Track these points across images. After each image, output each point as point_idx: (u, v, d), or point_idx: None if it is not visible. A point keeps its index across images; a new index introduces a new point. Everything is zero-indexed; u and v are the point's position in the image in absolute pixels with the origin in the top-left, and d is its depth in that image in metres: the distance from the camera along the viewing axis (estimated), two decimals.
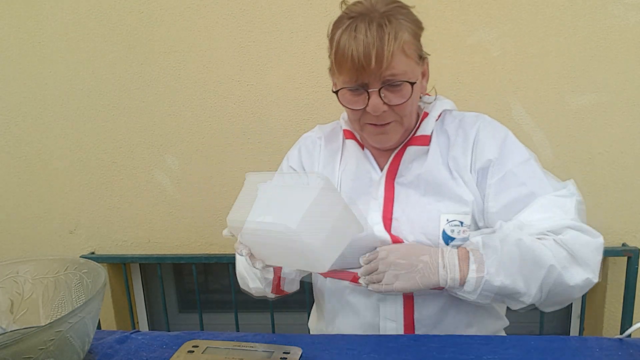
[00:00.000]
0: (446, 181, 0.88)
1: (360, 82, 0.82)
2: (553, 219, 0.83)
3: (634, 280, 1.48)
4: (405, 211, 0.89)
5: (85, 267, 0.78)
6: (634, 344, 0.74)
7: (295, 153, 1.03)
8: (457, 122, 0.93)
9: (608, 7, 1.35)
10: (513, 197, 0.85)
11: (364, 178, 0.94)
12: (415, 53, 0.84)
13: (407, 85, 0.82)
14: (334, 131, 1.03)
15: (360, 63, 0.78)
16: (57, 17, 1.58)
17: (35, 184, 1.72)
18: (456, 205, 0.87)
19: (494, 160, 0.87)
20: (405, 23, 0.81)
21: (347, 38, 0.79)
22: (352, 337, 0.80)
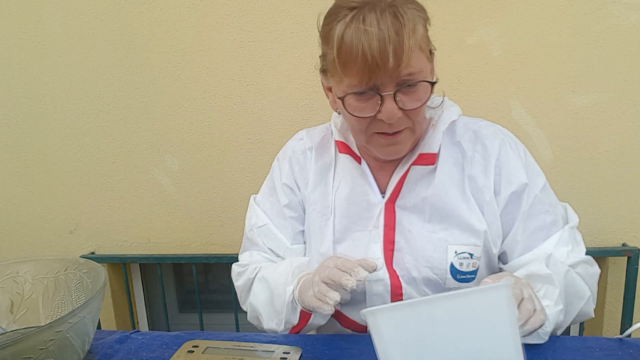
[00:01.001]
0: (456, 206, 0.78)
1: (371, 85, 0.69)
2: (574, 252, 0.81)
3: (634, 280, 1.48)
4: (409, 240, 0.80)
5: (85, 267, 0.78)
6: (634, 344, 0.73)
7: (286, 169, 0.91)
8: (471, 134, 0.82)
9: (608, 7, 1.35)
10: (539, 225, 0.79)
11: (361, 202, 0.82)
12: (428, 48, 0.74)
13: (423, 86, 0.71)
14: (324, 140, 0.90)
15: (374, 62, 0.65)
16: (57, 17, 1.58)
17: (35, 184, 1.72)
18: (465, 235, 0.78)
19: (527, 185, 0.78)
20: (417, 12, 0.69)
21: (354, 32, 0.65)
22: (352, 337, 0.80)
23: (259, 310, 0.85)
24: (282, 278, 0.81)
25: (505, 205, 0.79)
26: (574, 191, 1.47)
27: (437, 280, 0.79)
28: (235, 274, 0.93)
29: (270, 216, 0.92)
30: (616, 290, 1.52)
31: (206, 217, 1.67)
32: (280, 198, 0.91)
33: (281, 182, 0.91)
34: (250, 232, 0.94)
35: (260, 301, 0.84)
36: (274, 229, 0.91)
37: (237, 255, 1.61)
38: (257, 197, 0.97)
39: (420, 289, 0.80)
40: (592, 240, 1.50)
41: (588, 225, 1.49)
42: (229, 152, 1.60)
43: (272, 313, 0.82)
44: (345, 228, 0.84)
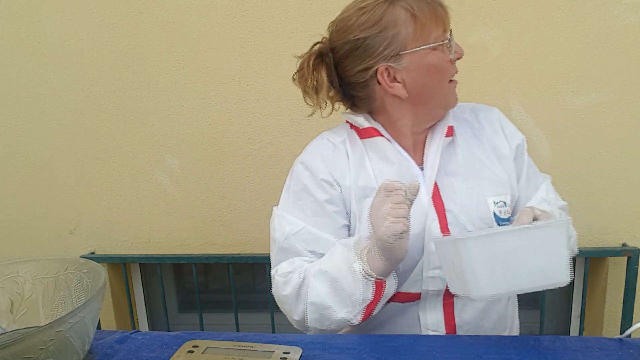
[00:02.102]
0: (482, 164, 0.91)
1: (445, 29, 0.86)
2: (557, 198, 1.00)
3: (634, 280, 1.48)
4: (456, 201, 0.89)
5: (85, 267, 0.78)
6: (634, 344, 0.73)
7: (319, 165, 0.92)
8: (469, 111, 0.97)
9: (608, 7, 1.35)
10: (531, 174, 0.96)
11: (406, 175, 0.89)
12: None
13: None
14: (349, 134, 0.96)
15: (443, 7, 0.84)
16: (57, 17, 1.58)
17: (35, 184, 1.72)
18: (496, 187, 0.90)
19: (524, 140, 0.96)
20: None
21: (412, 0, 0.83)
22: (352, 337, 0.80)
23: (326, 303, 0.82)
24: (343, 262, 0.81)
25: (515, 157, 0.94)
26: (574, 191, 1.47)
27: None
28: (279, 284, 0.88)
29: (304, 219, 0.90)
30: (616, 290, 1.52)
31: (206, 217, 1.67)
32: (317, 196, 0.90)
33: (318, 179, 0.91)
34: (286, 241, 0.90)
35: (325, 294, 0.82)
36: (313, 229, 0.89)
37: (237, 255, 1.63)
38: (280, 207, 0.95)
39: None
40: (592, 240, 1.50)
41: (588, 225, 1.49)
42: (229, 152, 1.60)
43: (342, 300, 0.81)
44: None
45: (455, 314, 0.88)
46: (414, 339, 0.78)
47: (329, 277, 0.81)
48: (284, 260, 0.90)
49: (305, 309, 0.84)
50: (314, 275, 0.83)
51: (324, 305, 0.82)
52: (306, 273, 0.85)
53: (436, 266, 0.87)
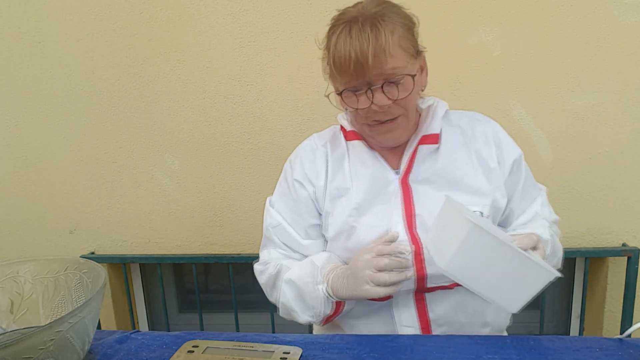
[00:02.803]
0: (463, 174, 0.91)
1: (360, 82, 0.83)
2: (551, 212, 1.00)
3: (634, 280, 1.48)
4: (427, 206, 0.90)
5: (85, 267, 0.78)
6: (634, 344, 0.73)
7: (297, 166, 1.00)
8: (467, 118, 0.97)
9: (608, 7, 1.35)
10: (526, 189, 0.96)
11: (379, 178, 0.93)
12: (411, 47, 0.85)
13: (408, 79, 0.83)
14: (335, 135, 1.02)
15: (357, 63, 0.80)
16: (57, 17, 1.58)
17: (35, 184, 1.72)
18: (474, 197, 0.90)
19: (522, 155, 0.95)
20: (397, 19, 0.83)
21: (344, 41, 0.81)
22: (352, 337, 0.80)
23: (292, 307, 0.93)
24: (310, 277, 0.90)
25: (510, 173, 0.93)
26: (574, 191, 1.47)
27: None
28: (257, 272, 1.02)
29: (283, 215, 1.01)
30: (616, 290, 1.53)
31: (206, 217, 1.67)
32: (292, 195, 1.00)
33: (292, 179, 0.99)
34: (266, 231, 1.03)
35: (292, 300, 0.93)
36: (287, 227, 1.00)
37: (237, 255, 1.63)
38: (271, 198, 1.06)
39: None
40: (592, 240, 1.50)
41: (588, 225, 1.49)
42: (229, 152, 1.60)
43: (306, 308, 0.91)
44: (367, 202, 0.93)
45: (428, 308, 0.89)
46: (414, 339, 0.78)
47: (297, 287, 0.91)
48: (265, 247, 1.04)
49: (277, 302, 0.98)
50: (285, 282, 0.94)
51: (291, 308, 0.93)
52: (280, 271, 0.96)
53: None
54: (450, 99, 1.44)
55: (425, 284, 0.88)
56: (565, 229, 1.51)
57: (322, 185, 0.97)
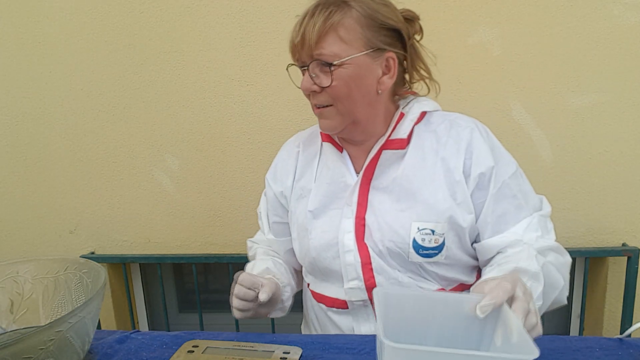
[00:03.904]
0: (422, 186, 0.86)
1: (299, 61, 0.85)
2: (543, 238, 0.85)
3: (634, 280, 1.48)
4: (378, 217, 0.88)
5: (85, 267, 0.78)
6: (634, 344, 0.73)
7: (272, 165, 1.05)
8: (447, 122, 0.90)
9: (608, 7, 1.35)
10: (506, 209, 0.85)
11: (339, 182, 0.92)
12: (361, 41, 0.81)
13: (341, 70, 0.80)
14: (312, 135, 1.02)
15: (293, 41, 0.83)
16: (57, 17, 1.58)
17: (35, 184, 1.72)
18: (429, 213, 0.85)
19: (494, 168, 0.85)
20: (355, 10, 0.80)
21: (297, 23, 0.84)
22: (352, 337, 0.80)
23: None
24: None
25: (476, 186, 0.85)
26: (574, 191, 1.47)
27: (401, 254, 0.86)
28: (247, 247, 1.13)
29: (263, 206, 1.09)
30: (616, 290, 1.52)
31: (206, 217, 1.67)
32: (266, 192, 1.08)
33: (266, 177, 1.06)
34: (258, 213, 1.11)
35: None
36: (264, 217, 1.09)
37: (237, 255, 1.63)
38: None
39: (388, 261, 0.88)
40: (592, 240, 1.50)
41: (588, 225, 1.49)
42: (229, 152, 1.60)
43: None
44: (323, 206, 0.93)
45: None
46: None
47: None
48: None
49: None
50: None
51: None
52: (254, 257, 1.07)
53: (354, 277, 0.89)
54: (450, 99, 1.45)
55: None
56: (565, 229, 1.51)
57: (289, 185, 1.00)
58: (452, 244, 0.86)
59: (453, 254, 0.87)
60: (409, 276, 0.88)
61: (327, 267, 0.92)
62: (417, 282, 0.88)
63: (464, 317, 0.62)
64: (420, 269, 0.87)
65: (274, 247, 1.07)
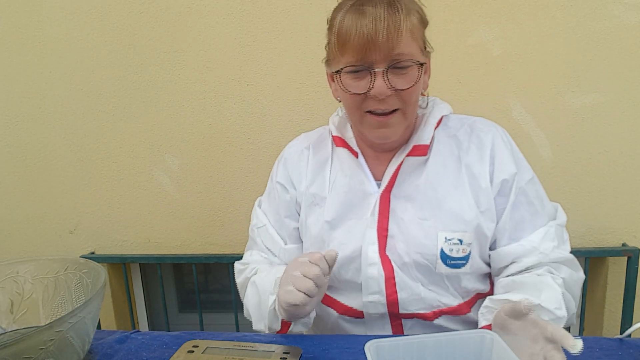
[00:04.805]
0: (446, 194, 0.83)
1: (364, 61, 0.75)
2: (559, 248, 0.84)
3: (634, 280, 1.48)
4: (401, 228, 0.84)
5: (85, 267, 0.78)
6: (634, 344, 0.73)
7: (281, 168, 0.97)
8: (467, 127, 0.88)
9: (608, 7, 1.35)
10: (523, 215, 0.84)
11: (357, 191, 0.87)
12: (421, 42, 0.79)
13: (414, 69, 0.76)
14: (321, 138, 0.96)
15: (368, 38, 0.72)
16: (57, 17, 1.58)
17: (35, 184, 1.72)
18: (455, 222, 0.82)
19: (516, 175, 0.83)
20: (414, 7, 0.78)
21: (353, 15, 0.74)
22: (352, 337, 0.80)
23: (249, 311, 0.90)
24: (269, 286, 0.85)
25: (498, 193, 0.83)
26: (574, 191, 1.47)
27: (427, 265, 0.83)
28: (236, 271, 1.00)
29: (268, 217, 0.98)
30: (616, 290, 1.52)
31: (206, 217, 1.67)
32: (275, 198, 0.97)
33: (275, 181, 0.97)
34: (251, 231, 1.01)
35: (251, 304, 0.90)
36: (271, 229, 0.96)
37: (237, 255, 1.63)
38: (261, 198, 1.04)
39: (412, 273, 0.84)
40: (592, 240, 1.50)
41: (588, 225, 1.49)
42: (229, 152, 1.60)
43: (259, 316, 0.87)
44: (341, 216, 0.88)
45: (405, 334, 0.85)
46: None
47: (257, 292, 0.87)
48: (249, 249, 1.01)
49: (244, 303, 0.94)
50: (251, 284, 0.90)
51: (249, 312, 0.91)
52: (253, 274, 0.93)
53: (375, 291, 0.84)
54: (450, 99, 1.44)
55: (397, 310, 0.84)
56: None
57: (302, 191, 0.93)
58: (476, 254, 0.84)
59: (476, 263, 0.84)
60: (431, 289, 0.84)
61: (346, 280, 0.87)
62: (439, 297, 0.85)
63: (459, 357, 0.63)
64: (444, 281, 0.84)
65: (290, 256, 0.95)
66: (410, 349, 0.62)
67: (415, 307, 0.84)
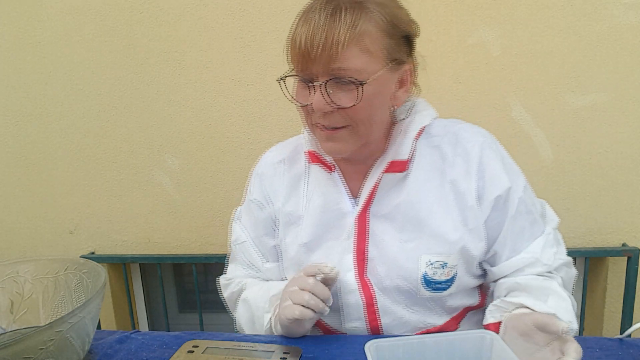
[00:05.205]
0: (429, 214, 0.77)
1: (306, 73, 0.70)
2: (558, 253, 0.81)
3: (634, 280, 1.48)
4: (381, 250, 0.78)
5: (85, 267, 0.78)
6: (634, 344, 0.73)
7: (257, 184, 0.91)
8: (452, 136, 0.80)
9: (608, 7, 1.35)
10: (523, 226, 0.79)
11: (333, 210, 0.81)
12: (382, 53, 0.70)
13: (363, 87, 0.68)
14: (296, 150, 0.89)
15: (305, 49, 0.67)
16: (57, 17, 1.58)
17: (35, 184, 1.72)
18: (439, 244, 0.76)
19: (511, 188, 0.77)
20: (377, 15, 0.68)
21: (300, 22, 0.69)
22: (352, 337, 0.80)
23: (242, 327, 0.91)
24: (262, 303, 0.84)
25: (492, 210, 0.77)
26: (574, 191, 1.47)
27: (409, 290, 0.78)
28: (221, 286, 0.98)
29: (249, 232, 0.94)
30: (616, 290, 1.52)
31: (206, 217, 1.67)
32: (253, 215, 0.92)
33: (252, 198, 0.92)
34: (232, 246, 0.97)
35: (243, 321, 0.90)
36: (251, 247, 0.93)
37: None
38: (240, 209, 0.99)
39: (393, 297, 0.80)
40: (592, 240, 1.50)
41: (588, 225, 1.49)
42: (229, 152, 1.60)
43: (254, 331, 0.87)
44: (317, 237, 0.83)
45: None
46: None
47: (250, 309, 0.87)
48: (232, 262, 0.98)
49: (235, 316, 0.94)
50: (242, 300, 0.90)
51: (242, 327, 0.91)
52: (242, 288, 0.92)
53: (356, 318, 0.81)
54: (450, 99, 1.45)
55: (381, 333, 0.82)
56: (565, 229, 1.50)
57: (279, 207, 0.87)
58: (463, 273, 0.79)
59: (463, 283, 0.80)
60: (415, 310, 0.80)
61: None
62: (424, 318, 0.81)
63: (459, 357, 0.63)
64: (429, 303, 0.80)
65: (270, 276, 0.92)
66: (410, 349, 0.62)
67: (400, 330, 0.81)
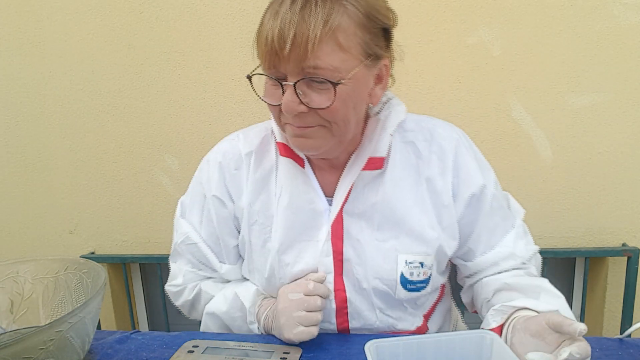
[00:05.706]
0: (406, 213, 0.75)
1: (276, 71, 0.65)
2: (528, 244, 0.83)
3: (634, 280, 1.48)
4: (357, 250, 0.76)
5: (85, 267, 0.78)
6: (634, 344, 0.73)
7: (216, 177, 0.82)
8: (426, 132, 0.78)
9: (608, 7, 1.35)
10: (497, 222, 0.80)
11: (306, 210, 0.77)
12: (359, 48, 0.65)
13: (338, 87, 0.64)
14: (264, 142, 0.81)
15: (274, 46, 0.62)
16: (57, 17, 1.58)
17: (35, 184, 1.72)
18: (416, 244, 0.75)
19: (485, 185, 0.77)
20: (351, 8, 0.63)
21: (269, 15, 0.65)
22: (352, 337, 0.80)
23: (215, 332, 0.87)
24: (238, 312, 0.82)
25: (466, 207, 0.77)
26: (574, 191, 1.47)
27: (387, 291, 0.77)
28: (171, 294, 0.92)
29: (200, 233, 0.85)
30: (616, 290, 1.52)
31: None
32: (210, 213, 0.83)
33: (211, 194, 0.83)
34: (179, 246, 0.89)
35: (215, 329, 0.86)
36: (205, 248, 0.85)
37: None
38: (184, 201, 0.89)
39: (370, 300, 0.79)
40: (592, 240, 1.50)
41: (588, 225, 1.49)
42: None
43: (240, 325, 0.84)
44: (290, 239, 0.78)
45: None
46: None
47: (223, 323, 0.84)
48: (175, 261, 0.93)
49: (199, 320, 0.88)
50: (207, 314, 0.85)
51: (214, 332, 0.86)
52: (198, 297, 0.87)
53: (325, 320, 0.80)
54: (450, 99, 1.45)
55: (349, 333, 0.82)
56: (565, 229, 1.51)
57: (242, 206, 0.81)
58: (435, 272, 0.79)
59: (435, 282, 0.80)
60: (388, 314, 0.79)
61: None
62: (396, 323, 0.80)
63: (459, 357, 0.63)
64: (405, 303, 0.79)
65: (228, 278, 0.87)
66: (410, 349, 0.62)
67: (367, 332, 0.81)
